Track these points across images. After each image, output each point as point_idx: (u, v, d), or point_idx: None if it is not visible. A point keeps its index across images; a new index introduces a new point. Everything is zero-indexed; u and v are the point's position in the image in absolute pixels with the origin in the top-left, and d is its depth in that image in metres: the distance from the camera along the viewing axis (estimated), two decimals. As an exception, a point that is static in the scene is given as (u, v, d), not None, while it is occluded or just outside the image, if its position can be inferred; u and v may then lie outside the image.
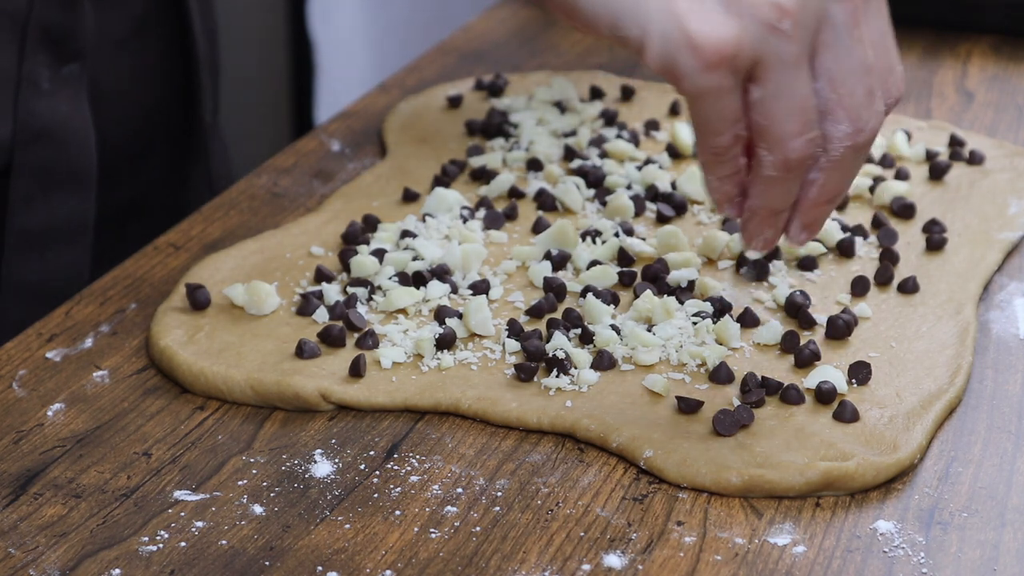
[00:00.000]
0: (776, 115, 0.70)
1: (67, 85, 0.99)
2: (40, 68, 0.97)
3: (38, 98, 0.97)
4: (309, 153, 1.07)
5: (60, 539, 0.69)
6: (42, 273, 1.00)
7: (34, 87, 0.97)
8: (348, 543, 0.69)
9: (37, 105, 0.97)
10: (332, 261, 0.90)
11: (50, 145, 0.99)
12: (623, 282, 0.88)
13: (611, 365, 0.80)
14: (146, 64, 1.08)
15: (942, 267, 0.90)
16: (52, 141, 0.98)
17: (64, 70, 0.98)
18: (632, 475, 0.74)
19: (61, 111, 0.99)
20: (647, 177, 0.99)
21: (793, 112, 0.70)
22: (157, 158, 1.12)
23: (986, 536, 0.70)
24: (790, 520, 0.71)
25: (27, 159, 0.98)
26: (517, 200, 0.97)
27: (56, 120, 0.98)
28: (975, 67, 1.21)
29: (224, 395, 0.79)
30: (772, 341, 0.82)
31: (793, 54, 0.70)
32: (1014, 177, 1.00)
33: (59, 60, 0.98)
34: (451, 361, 0.80)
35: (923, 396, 0.78)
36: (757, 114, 0.71)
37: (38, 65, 0.97)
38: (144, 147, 1.10)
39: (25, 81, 0.96)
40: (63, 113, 0.99)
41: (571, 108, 1.09)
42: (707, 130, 0.72)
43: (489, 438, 0.76)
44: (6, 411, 0.78)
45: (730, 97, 0.70)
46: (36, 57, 0.96)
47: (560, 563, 0.68)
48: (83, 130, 1.00)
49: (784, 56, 0.70)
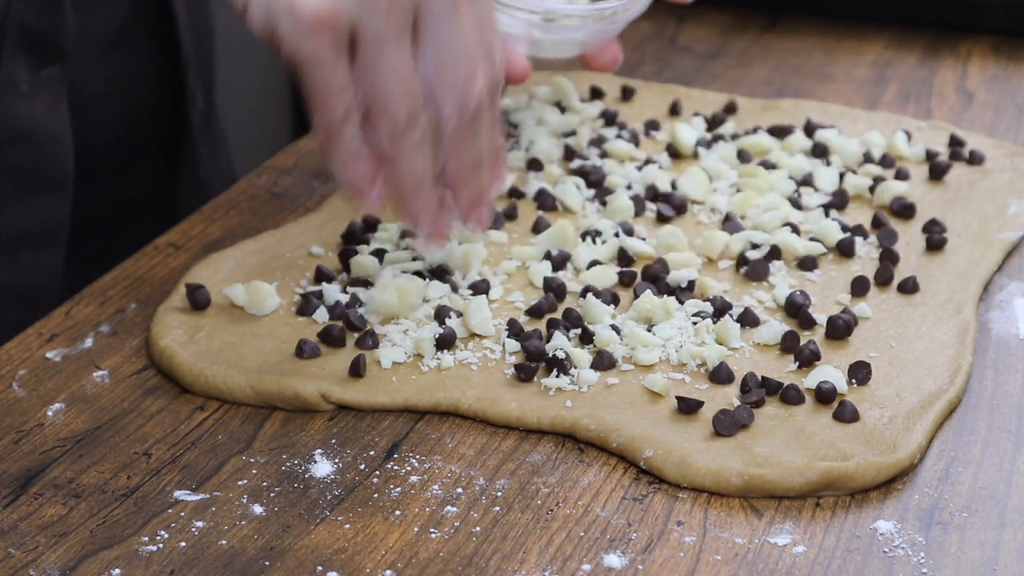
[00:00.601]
0: (378, 86, 0.74)
1: (46, 88, 0.98)
2: (19, 70, 0.96)
3: (16, 100, 0.96)
4: (309, 153, 1.07)
5: (60, 539, 0.69)
6: (15, 276, 0.99)
7: (12, 89, 0.96)
8: (348, 543, 0.69)
9: (15, 107, 0.96)
10: (332, 261, 0.90)
11: (27, 148, 0.97)
12: (623, 282, 0.88)
13: (611, 365, 0.80)
14: (131, 66, 1.07)
15: (942, 267, 0.90)
16: (29, 144, 0.97)
17: (43, 73, 0.97)
18: (632, 475, 0.74)
19: (39, 114, 0.97)
20: (647, 177, 0.99)
21: (393, 83, 0.74)
22: (144, 161, 1.11)
23: (986, 536, 0.70)
24: (790, 520, 0.71)
25: (3, 161, 0.97)
26: (517, 200, 0.97)
27: (34, 123, 0.97)
28: (975, 67, 1.21)
29: (224, 395, 0.79)
30: (772, 341, 0.82)
31: (390, 30, 0.73)
32: (1014, 177, 1.00)
33: (39, 62, 0.97)
34: (451, 361, 0.80)
35: (923, 396, 0.78)
36: (361, 85, 0.74)
37: (17, 67, 0.96)
38: (130, 150, 1.09)
39: (3, 83, 0.95)
40: (41, 116, 0.98)
41: (571, 108, 1.09)
42: (317, 104, 0.75)
43: (489, 438, 0.76)
44: (6, 411, 0.78)
45: (334, 67, 0.74)
46: (15, 59, 0.96)
47: (560, 563, 0.68)
48: (61, 133, 0.99)
49: (381, 30, 0.73)
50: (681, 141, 1.03)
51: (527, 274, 0.89)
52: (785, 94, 1.17)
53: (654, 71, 1.21)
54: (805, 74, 1.21)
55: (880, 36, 1.28)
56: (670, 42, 1.27)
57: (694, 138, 1.04)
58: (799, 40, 1.27)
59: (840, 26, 1.29)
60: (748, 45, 1.27)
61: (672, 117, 1.10)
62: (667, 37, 1.28)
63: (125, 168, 1.09)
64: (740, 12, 1.32)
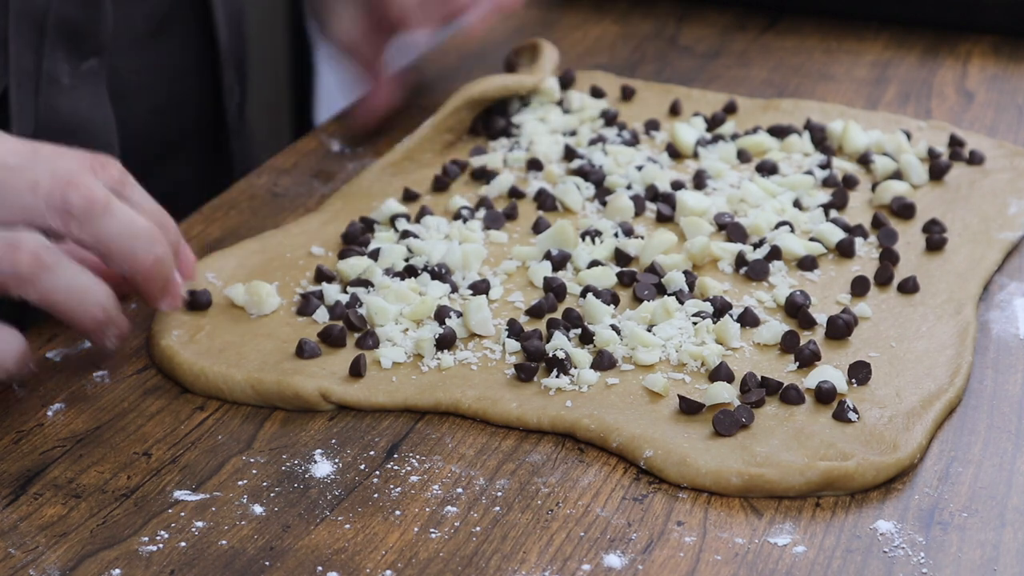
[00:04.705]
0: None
1: (87, 81, 0.99)
2: (60, 64, 0.97)
3: (59, 94, 0.97)
4: (309, 153, 1.07)
5: (60, 539, 0.69)
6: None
7: (55, 83, 0.97)
8: (348, 543, 0.69)
9: (58, 101, 0.97)
10: (332, 261, 0.90)
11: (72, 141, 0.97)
12: (623, 282, 0.88)
13: (611, 365, 0.80)
14: (169, 59, 1.08)
15: (942, 267, 0.90)
16: (74, 137, 0.98)
17: (84, 65, 0.98)
18: (632, 475, 0.74)
19: (82, 107, 0.98)
20: (647, 177, 0.98)
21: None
22: (183, 154, 1.12)
23: (986, 536, 0.70)
24: (790, 520, 0.71)
25: None
26: (517, 200, 0.97)
27: (78, 116, 0.98)
28: (975, 67, 1.21)
29: (224, 395, 0.79)
30: (772, 341, 0.82)
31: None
32: (1014, 177, 1.00)
33: (79, 55, 0.98)
34: (451, 361, 0.80)
35: (923, 396, 0.78)
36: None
37: (58, 61, 0.97)
38: (168, 143, 1.10)
39: (45, 77, 0.96)
40: (84, 108, 0.98)
41: (571, 108, 1.09)
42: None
43: (489, 438, 0.76)
44: (6, 411, 0.78)
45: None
46: (55, 53, 0.96)
47: (560, 563, 0.68)
48: (106, 124, 1.00)
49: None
50: (681, 141, 1.03)
51: (527, 274, 0.89)
52: (785, 94, 1.17)
53: (654, 71, 1.21)
54: (805, 74, 1.21)
55: (880, 36, 1.28)
56: (670, 42, 1.27)
57: (694, 138, 1.04)
58: (799, 40, 1.27)
59: (840, 26, 1.29)
60: (748, 45, 1.27)
61: (672, 117, 1.10)
62: (667, 37, 1.28)
63: (164, 161, 1.09)
64: (740, 12, 1.33)
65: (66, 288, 0.74)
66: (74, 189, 0.74)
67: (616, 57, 1.23)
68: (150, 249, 0.76)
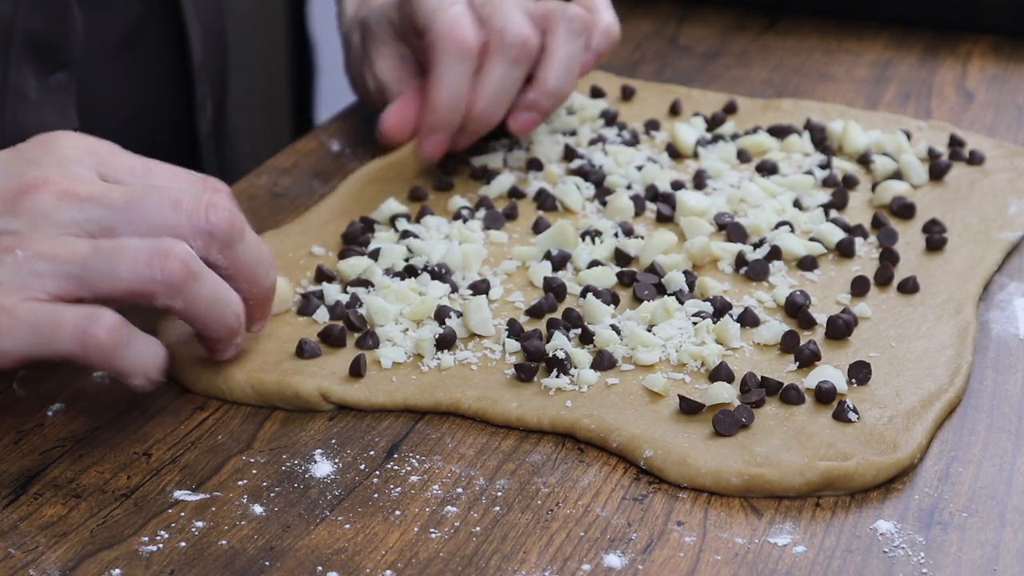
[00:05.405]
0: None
1: (55, 94, 0.98)
2: (27, 77, 0.96)
3: (25, 108, 0.96)
4: (309, 153, 1.07)
5: (60, 539, 0.69)
6: None
7: (21, 97, 0.96)
8: (348, 543, 0.69)
9: (24, 115, 0.96)
10: (332, 261, 0.90)
11: None
12: (623, 282, 0.88)
13: (611, 365, 0.80)
14: (140, 73, 1.06)
15: (942, 267, 0.90)
16: None
17: (52, 79, 0.97)
18: (632, 475, 0.74)
19: (48, 121, 0.97)
20: (647, 177, 0.99)
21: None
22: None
23: (986, 536, 0.70)
24: (790, 520, 0.71)
25: None
26: (517, 200, 0.97)
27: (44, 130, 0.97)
28: (975, 67, 1.21)
29: (224, 395, 0.79)
30: (772, 341, 0.82)
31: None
32: (1014, 177, 1.00)
33: (46, 69, 0.96)
34: (451, 361, 0.80)
35: (923, 396, 0.78)
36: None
37: (25, 75, 0.96)
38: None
39: (11, 91, 0.95)
40: (50, 124, 0.97)
41: (571, 108, 1.09)
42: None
43: (489, 438, 0.76)
44: (6, 411, 0.78)
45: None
46: (23, 66, 0.95)
47: (560, 563, 0.68)
48: None
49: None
50: (681, 141, 1.03)
51: (527, 274, 0.89)
52: (785, 94, 1.17)
53: (654, 71, 1.21)
54: (805, 74, 1.21)
55: (880, 36, 1.28)
56: (670, 42, 1.27)
57: (694, 138, 1.04)
58: (799, 40, 1.27)
59: (840, 26, 1.29)
60: (748, 45, 1.27)
61: (672, 117, 1.10)
62: (667, 37, 1.28)
63: None
64: (740, 12, 1.33)
65: (209, 297, 0.74)
66: (214, 211, 0.74)
67: (616, 57, 1.23)
68: (269, 274, 0.78)
